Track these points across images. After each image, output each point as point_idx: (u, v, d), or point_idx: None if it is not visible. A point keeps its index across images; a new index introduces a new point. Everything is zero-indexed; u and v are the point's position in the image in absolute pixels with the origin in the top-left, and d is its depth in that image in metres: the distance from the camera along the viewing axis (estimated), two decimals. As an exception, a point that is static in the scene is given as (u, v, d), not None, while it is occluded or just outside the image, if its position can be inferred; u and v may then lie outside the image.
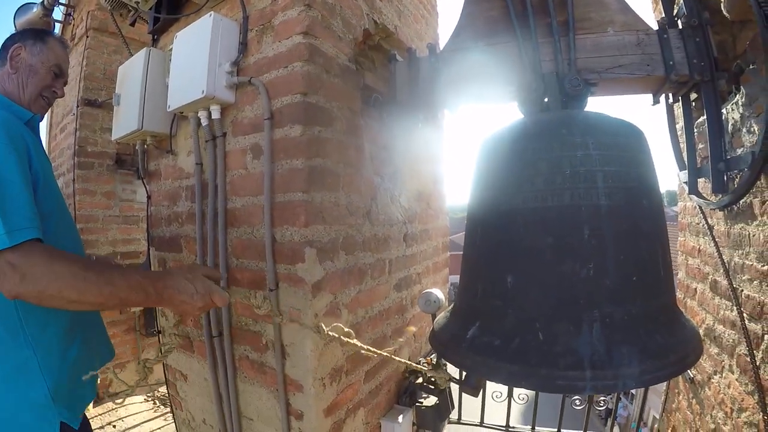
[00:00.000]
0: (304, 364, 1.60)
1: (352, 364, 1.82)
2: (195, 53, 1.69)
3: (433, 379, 2.24)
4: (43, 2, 3.68)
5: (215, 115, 1.72)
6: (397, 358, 1.63)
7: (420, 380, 2.34)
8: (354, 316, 1.82)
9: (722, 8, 1.57)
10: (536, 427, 2.73)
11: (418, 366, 1.68)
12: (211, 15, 1.67)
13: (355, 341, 1.44)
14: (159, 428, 3.32)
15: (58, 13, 4.00)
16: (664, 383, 2.88)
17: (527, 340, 1.12)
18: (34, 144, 1.38)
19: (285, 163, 1.57)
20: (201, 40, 1.67)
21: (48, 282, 1.10)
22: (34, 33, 1.63)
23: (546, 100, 1.42)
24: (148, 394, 3.83)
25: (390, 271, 2.12)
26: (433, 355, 2.57)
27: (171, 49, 1.88)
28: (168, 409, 3.56)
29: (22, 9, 3.76)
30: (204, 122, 1.76)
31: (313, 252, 1.55)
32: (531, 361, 1.09)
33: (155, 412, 3.59)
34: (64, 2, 4.13)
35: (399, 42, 2.18)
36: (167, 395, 3.33)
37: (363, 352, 1.43)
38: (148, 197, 2.23)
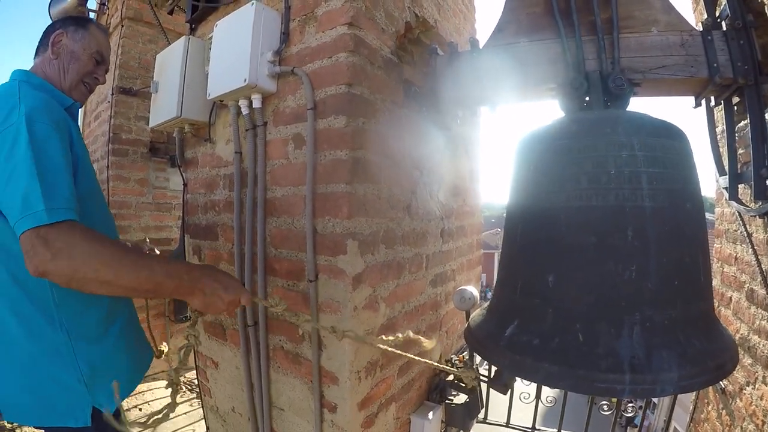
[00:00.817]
0: (341, 357, 1.61)
1: (387, 359, 1.82)
2: (236, 42, 1.70)
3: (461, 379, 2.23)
4: (77, -9, 3.75)
5: (256, 104, 1.73)
6: (424, 360, 1.62)
7: (451, 377, 2.33)
8: (391, 310, 1.82)
9: (766, 11, 1.54)
10: (561, 431, 2.70)
11: (446, 367, 1.68)
12: (253, 4, 1.68)
13: (372, 342, 1.44)
14: (185, 413, 3.36)
15: (92, 3, 4.06)
16: (693, 393, 2.84)
17: (567, 340, 1.11)
18: (75, 128, 1.41)
19: (328, 153, 1.57)
20: (243, 28, 1.68)
21: (84, 260, 1.10)
22: (75, 20, 1.63)
23: (587, 99, 1.41)
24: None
25: (427, 266, 2.11)
26: (465, 352, 2.57)
27: (210, 38, 1.89)
28: (194, 395, 3.60)
29: (57, -1, 3.84)
30: (244, 111, 1.77)
31: (355, 244, 1.56)
32: (570, 362, 1.09)
33: (181, 397, 3.63)
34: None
35: (439, 36, 2.17)
36: (195, 381, 3.37)
37: (389, 350, 1.42)
38: (185, 185, 2.24)
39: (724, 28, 1.51)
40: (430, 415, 2.09)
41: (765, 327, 1.85)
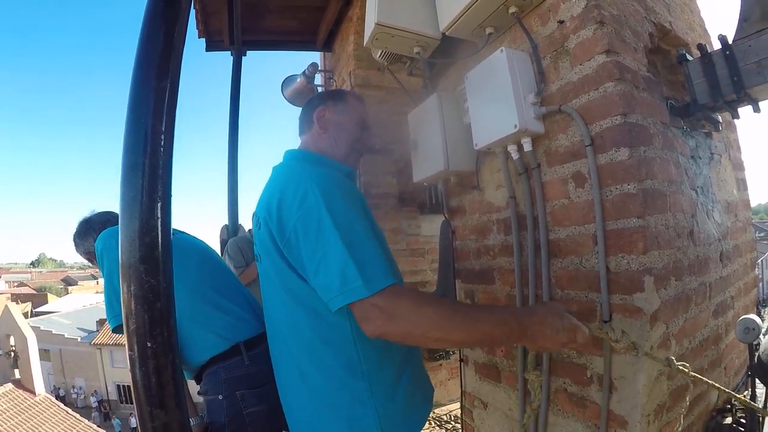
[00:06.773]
0: (632, 399, 1.51)
1: (673, 401, 1.66)
2: (495, 89, 1.73)
3: (743, 420, 1.99)
4: (304, 72, 4.23)
5: (527, 147, 1.72)
6: (739, 396, 1.46)
7: (729, 420, 2.08)
8: (680, 347, 1.67)
9: None
10: None
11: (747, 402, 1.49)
12: (503, 50, 1.70)
13: (701, 377, 1.34)
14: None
15: (317, 79, 4.51)
16: None
17: None
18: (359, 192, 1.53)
19: (614, 188, 1.51)
20: (498, 75, 1.71)
21: (416, 323, 1.19)
22: (331, 94, 1.80)
23: None
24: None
25: (710, 296, 1.92)
26: (747, 392, 2.29)
27: (462, 90, 1.97)
28: (443, 431, 3.66)
29: (287, 81, 4.36)
30: (515, 156, 1.78)
31: (651, 280, 1.46)
32: None
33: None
34: (322, 69, 4.70)
35: (677, 39, 2.02)
36: (457, 419, 3.41)
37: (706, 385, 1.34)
38: (453, 232, 2.35)
39: None
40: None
41: None
